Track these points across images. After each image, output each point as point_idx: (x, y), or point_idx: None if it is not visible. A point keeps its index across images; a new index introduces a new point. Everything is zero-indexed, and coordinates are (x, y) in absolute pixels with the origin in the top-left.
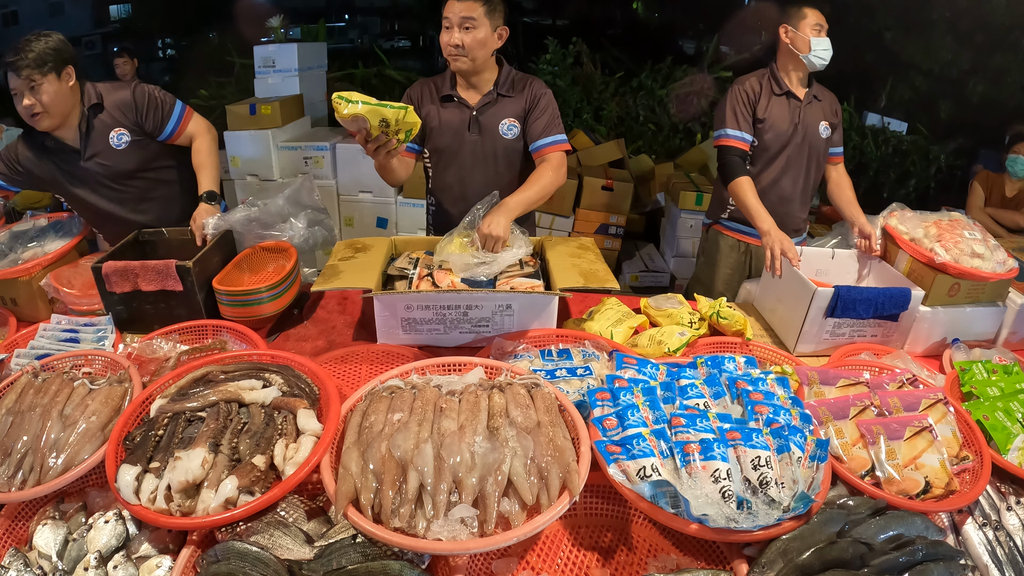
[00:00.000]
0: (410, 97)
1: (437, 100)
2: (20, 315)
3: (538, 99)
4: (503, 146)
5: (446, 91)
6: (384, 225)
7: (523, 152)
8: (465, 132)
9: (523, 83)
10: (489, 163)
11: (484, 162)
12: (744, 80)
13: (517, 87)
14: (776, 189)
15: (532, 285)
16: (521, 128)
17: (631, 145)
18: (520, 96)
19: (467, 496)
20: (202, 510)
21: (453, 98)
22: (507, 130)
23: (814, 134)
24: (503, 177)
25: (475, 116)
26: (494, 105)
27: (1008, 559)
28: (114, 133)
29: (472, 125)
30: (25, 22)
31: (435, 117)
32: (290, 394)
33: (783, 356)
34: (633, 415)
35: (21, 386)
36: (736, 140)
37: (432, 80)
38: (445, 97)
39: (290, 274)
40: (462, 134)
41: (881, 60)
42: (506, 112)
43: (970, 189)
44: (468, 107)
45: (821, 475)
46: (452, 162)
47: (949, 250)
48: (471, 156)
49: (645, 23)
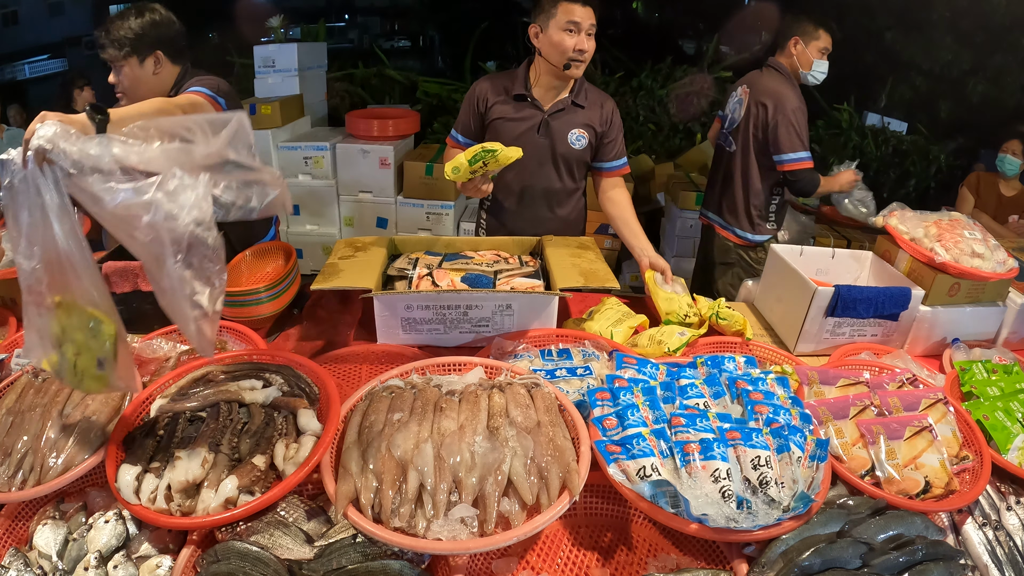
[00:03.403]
0: (475, 92)
1: (509, 97)
2: (20, 315)
3: (612, 118)
4: (568, 154)
5: (519, 90)
6: (384, 225)
7: (586, 164)
8: (534, 134)
9: (596, 97)
10: (551, 168)
11: (547, 166)
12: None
13: (590, 99)
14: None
15: (532, 285)
16: (590, 141)
17: (631, 145)
18: (593, 109)
19: (467, 496)
20: (202, 510)
21: (527, 98)
22: (575, 140)
23: None
24: (563, 183)
25: (546, 120)
26: (566, 112)
27: (1008, 559)
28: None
29: (542, 128)
30: (25, 22)
31: (503, 113)
32: (290, 394)
33: (783, 356)
34: (633, 415)
35: (21, 386)
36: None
37: (501, 77)
38: (519, 96)
39: (289, 274)
40: (530, 135)
41: (881, 60)
42: (577, 122)
43: (959, 195)
44: (541, 110)
45: (821, 475)
46: (515, 162)
47: (949, 250)
48: (535, 158)
49: (645, 23)
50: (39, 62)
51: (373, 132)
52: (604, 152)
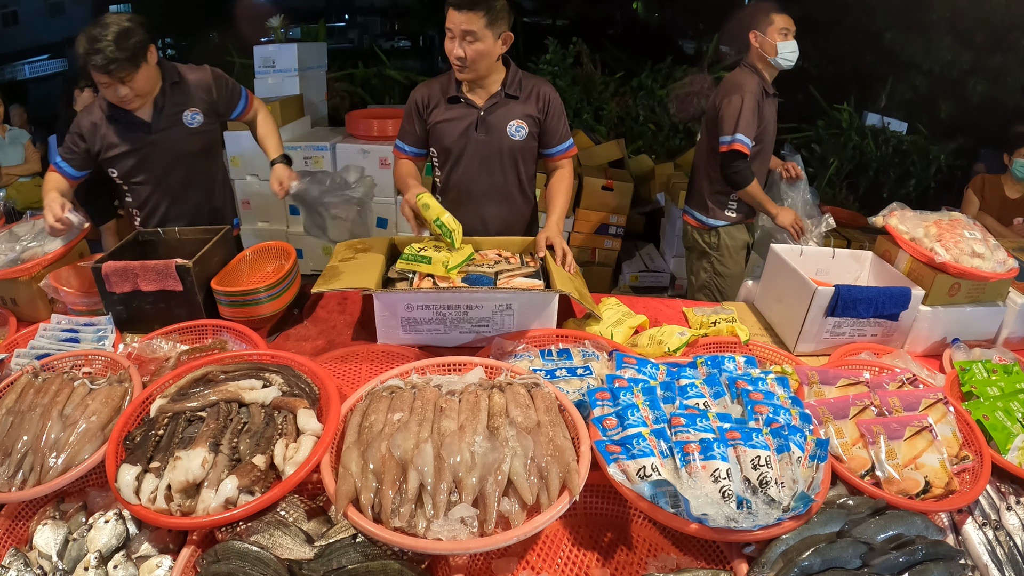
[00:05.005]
0: (414, 99)
1: (444, 100)
2: (20, 315)
3: (550, 103)
4: (510, 147)
5: (452, 92)
6: (384, 225)
7: (532, 153)
8: (472, 132)
9: (531, 85)
10: (495, 163)
11: (490, 162)
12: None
13: (524, 88)
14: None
15: (532, 284)
16: (531, 130)
17: (631, 145)
18: (529, 98)
19: (467, 496)
20: (202, 510)
21: (460, 99)
22: (515, 131)
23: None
24: (509, 177)
25: (482, 116)
26: (501, 106)
27: (1008, 559)
28: (188, 112)
29: (479, 125)
30: (25, 22)
31: (441, 117)
32: (290, 394)
33: (783, 356)
34: (633, 415)
35: (21, 386)
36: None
37: (438, 80)
38: (452, 98)
39: (289, 274)
40: (469, 134)
41: (881, 60)
42: (514, 113)
43: (964, 197)
44: (475, 107)
45: (821, 475)
46: (459, 162)
47: (949, 250)
48: (478, 156)
49: (645, 23)
50: (39, 62)
51: (373, 132)
52: (548, 139)
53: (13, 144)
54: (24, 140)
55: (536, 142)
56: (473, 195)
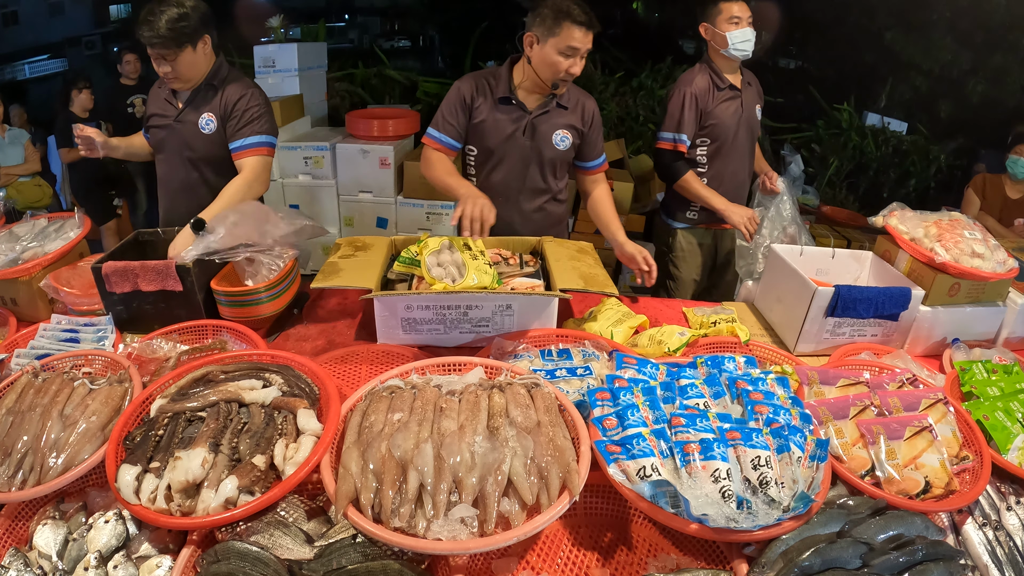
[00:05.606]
0: (461, 92)
1: (492, 99)
2: (20, 315)
3: (594, 117)
4: (553, 155)
5: (503, 92)
6: (384, 225)
7: (569, 162)
8: (519, 135)
9: (578, 97)
10: (536, 169)
11: (532, 167)
12: (693, 81)
13: (572, 99)
14: (732, 179)
15: (532, 285)
16: (574, 141)
17: (631, 145)
18: (575, 110)
19: (467, 496)
20: (202, 510)
21: (511, 100)
22: (560, 141)
23: (752, 117)
24: (548, 183)
25: (532, 122)
26: (551, 114)
27: (1008, 559)
28: (206, 115)
29: (527, 129)
30: (25, 22)
31: (488, 115)
32: (290, 394)
33: (783, 356)
34: (633, 415)
35: (21, 386)
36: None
37: (484, 76)
38: (503, 99)
39: (288, 274)
40: (515, 137)
41: (881, 60)
42: (561, 123)
43: (965, 197)
44: (526, 111)
45: (821, 475)
46: (500, 163)
47: (949, 250)
48: (520, 160)
49: (645, 23)
50: (39, 62)
51: (373, 132)
52: (586, 152)
53: (13, 144)
54: (24, 140)
55: (574, 153)
56: (510, 198)
